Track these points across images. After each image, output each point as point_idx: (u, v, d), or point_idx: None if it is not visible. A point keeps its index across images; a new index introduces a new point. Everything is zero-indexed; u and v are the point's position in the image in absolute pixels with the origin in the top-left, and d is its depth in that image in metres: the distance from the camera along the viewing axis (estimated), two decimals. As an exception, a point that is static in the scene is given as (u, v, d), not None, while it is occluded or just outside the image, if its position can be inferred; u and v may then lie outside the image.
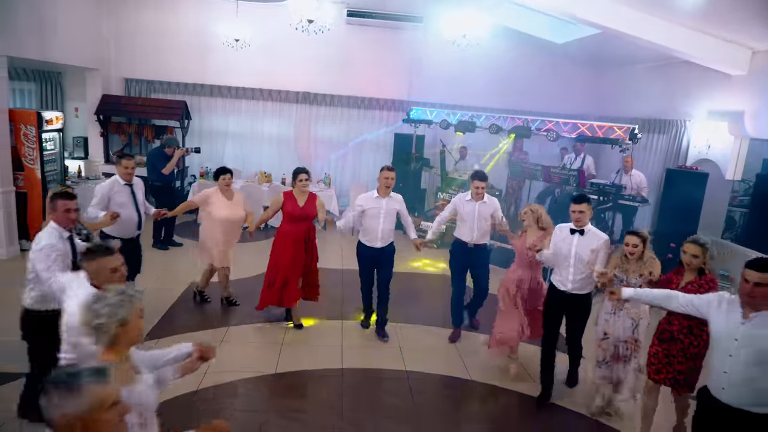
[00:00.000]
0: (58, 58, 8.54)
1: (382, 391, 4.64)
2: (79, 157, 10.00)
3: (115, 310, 2.02)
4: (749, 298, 2.72)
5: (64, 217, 3.51)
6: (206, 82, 10.43)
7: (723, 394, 2.82)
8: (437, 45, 8.77)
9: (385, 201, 5.24)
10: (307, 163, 10.85)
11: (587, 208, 4.27)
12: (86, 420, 1.52)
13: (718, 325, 2.89)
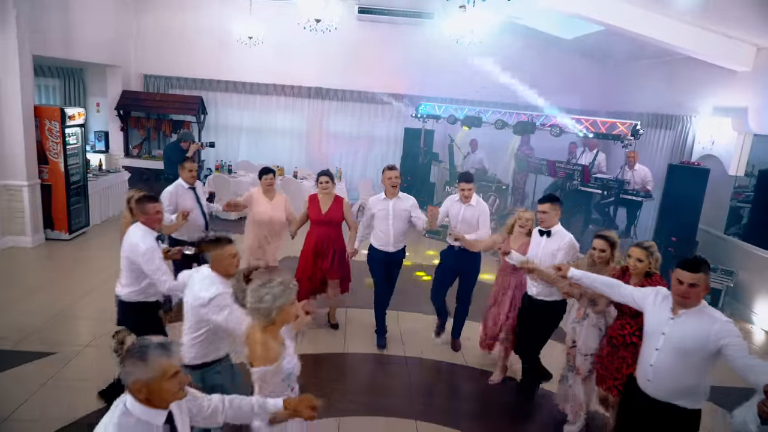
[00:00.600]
0: (82, 56, 8.92)
1: (383, 374, 4.89)
2: (100, 150, 10.40)
3: (277, 297, 2.37)
4: (683, 299, 2.74)
5: (154, 218, 3.65)
6: (221, 78, 10.75)
7: (648, 386, 2.89)
8: (447, 41, 8.93)
9: (392, 202, 5.01)
10: (318, 157, 11.17)
11: (551, 209, 4.06)
12: (151, 386, 1.81)
13: (650, 319, 2.94)
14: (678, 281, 2.73)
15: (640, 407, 2.94)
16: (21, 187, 7.12)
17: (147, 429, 1.85)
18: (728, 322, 2.69)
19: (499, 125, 8.16)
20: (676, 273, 2.75)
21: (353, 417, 4.11)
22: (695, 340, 2.70)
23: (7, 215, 7.13)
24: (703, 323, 2.70)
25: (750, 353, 2.59)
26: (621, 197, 7.58)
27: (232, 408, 2.21)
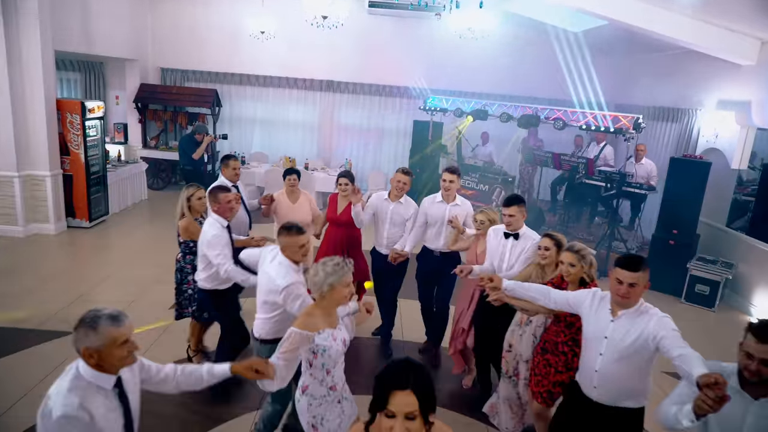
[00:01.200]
0: (101, 51, 9.26)
1: (381, 357, 5.12)
2: (119, 142, 10.77)
3: (329, 275, 2.61)
4: (623, 299, 2.66)
5: (226, 208, 3.84)
6: (235, 71, 11.02)
7: (594, 392, 2.81)
8: (455, 34, 9.06)
9: (392, 206, 4.77)
10: (329, 149, 11.40)
11: (517, 211, 3.90)
12: (102, 353, 2.02)
13: (589, 324, 2.84)
14: (617, 281, 2.64)
15: (584, 412, 2.86)
16: (44, 177, 7.49)
17: (97, 391, 2.02)
18: (664, 317, 2.65)
19: (504, 118, 8.29)
20: (615, 272, 2.66)
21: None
22: (637, 340, 2.64)
23: (31, 204, 7.52)
24: (643, 322, 2.65)
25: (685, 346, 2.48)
26: (623, 190, 7.65)
27: (183, 375, 2.38)
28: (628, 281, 2.62)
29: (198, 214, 4.31)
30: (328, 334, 2.66)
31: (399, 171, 4.78)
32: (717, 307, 6.79)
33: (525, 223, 4.09)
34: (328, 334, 2.66)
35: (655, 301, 6.93)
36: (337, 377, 2.77)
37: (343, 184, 4.93)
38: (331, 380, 2.71)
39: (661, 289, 7.21)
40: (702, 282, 6.84)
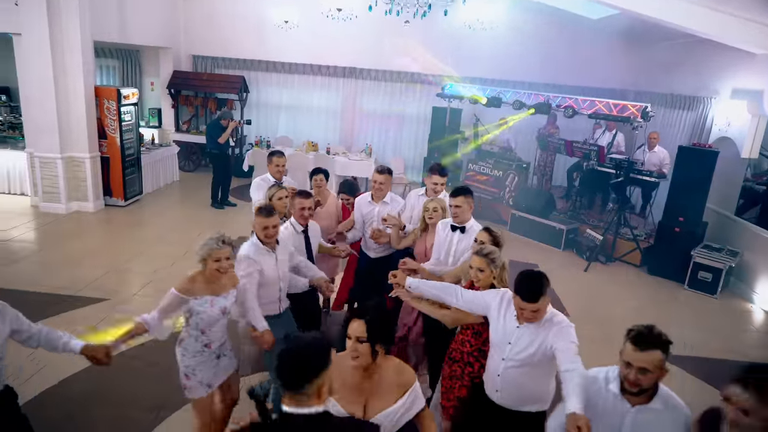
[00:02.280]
0: (137, 39, 9.84)
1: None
2: (154, 126, 11.41)
3: (201, 248, 2.96)
4: (528, 321, 2.62)
5: (299, 214, 3.93)
6: (262, 58, 11.45)
7: (496, 395, 2.77)
8: (473, 22, 9.21)
9: (378, 207, 4.54)
10: (351, 134, 11.76)
11: (464, 202, 3.76)
12: None
13: (497, 329, 2.77)
14: (520, 309, 2.59)
15: (487, 415, 2.83)
16: (84, 158, 8.14)
17: None
18: (566, 327, 2.58)
19: (516, 105, 8.46)
20: (516, 301, 2.59)
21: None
22: (539, 349, 2.60)
23: (72, 183, 8.18)
24: (545, 331, 2.59)
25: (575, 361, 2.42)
26: (631, 177, 7.77)
27: (46, 339, 2.68)
28: (531, 309, 2.55)
29: (279, 214, 3.98)
30: (206, 300, 2.97)
31: (375, 170, 4.62)
32: (719, 294, 6.91)
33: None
34: (205, 300, 2.97)
35: (660, 287, 7.19)
36: (214, 337, 3.08)
37: (344, 199, 4.85)
38: (206, 339, 3.04)
39: (665, 275, 7.39)
40: (705, 269, 6.96)
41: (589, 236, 8.04)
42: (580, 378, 2.31)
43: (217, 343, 3.13)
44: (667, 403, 2.18)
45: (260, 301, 3.41)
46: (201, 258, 2.98)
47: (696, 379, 5.04)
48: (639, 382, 2.11)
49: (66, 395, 4.02)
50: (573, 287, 6.95)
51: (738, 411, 1.91)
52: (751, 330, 6.29)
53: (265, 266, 3.45)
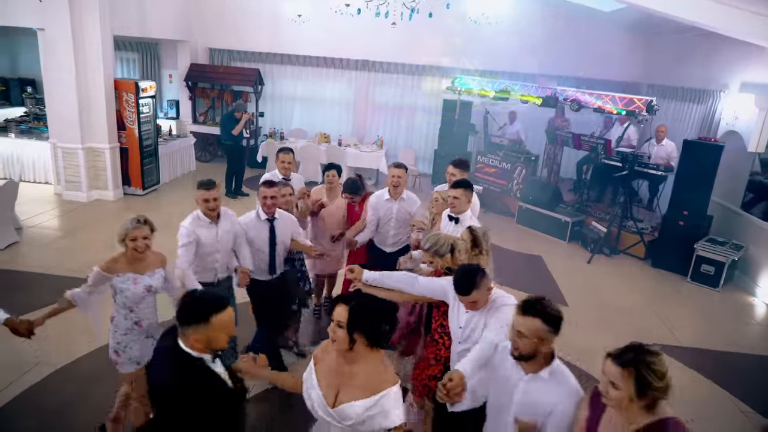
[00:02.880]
0: (155, 34, 10.14)
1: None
2: (172, 117, 11.74)
3: (119, 229, 3.20)
4: (470, 309, 2.76)
5: (262, 202, 4.00)
6: (277, 51, 11.67)
7: None
8: (488, 12, 9.27)
9: (396, 204, 4.62)
10: (363, 126, 11.93)
11: (463, 194, 3.93)
12: None
13: (451, 314, 2.89)
14: (459, 299, 2.73)
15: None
16: (103, 149, 8.47)
17: None
18: (503, 306, 2.68)
19: (523, 100, 8.54)
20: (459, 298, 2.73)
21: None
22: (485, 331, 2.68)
23: (93, 173, 8.53)
24: (491, 313, 2.70)
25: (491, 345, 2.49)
26: (636, 170, 7.81)
27: None
28: (467, 301, 2.70)
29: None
30: (128, 278, 3.17)
31: (392, 165, 4.69)
32: (722, 288, 6.96)
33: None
34: (128, 278, 3.17)
35: (663, 279, 7.28)
36: (143, 315, 3.26)
37: (347, 198, 4.81)
38: (135, 317, 3.23)
39: (669, 268, 7.45)
40: (708, 262, 7.01)
41: (594, 228, 8.12)
42: (483, 345, 2.47)
43: (146, 322, 3.31)
44: (556, 376, 2.23)
45: (197, 269, 3.72)
46: (119, 238, 3.19)
47: (689, 369, 5.14)
48: (516, 345, 2.21)
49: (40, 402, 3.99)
50: (574, 278, 7.07)
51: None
52: (751, 323, 6.34)
53: (204, 237, 3.74)
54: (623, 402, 1.86)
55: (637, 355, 1.85)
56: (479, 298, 2.67)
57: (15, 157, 9.15)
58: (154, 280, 3.29)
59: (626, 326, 5.85)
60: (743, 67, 7.68)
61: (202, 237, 3.75)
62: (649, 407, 1.87)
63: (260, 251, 4.09)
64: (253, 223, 4.07)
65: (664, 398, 1.87)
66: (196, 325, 2.08)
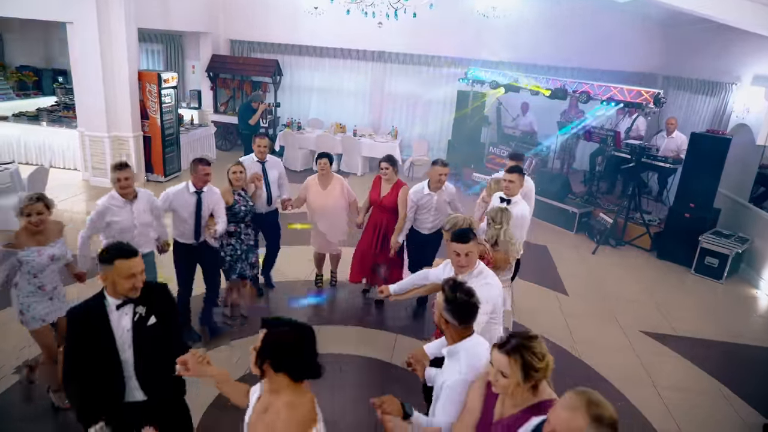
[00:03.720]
0: (178, 26, 10.50)
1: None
2: (194, 107, 12.13)
3: (16, 206, 3.51)
4: (460, 267, 3.13)
5: (200, 179, 4.43)
6: (295, 43, 11.93)
7: None
8: (501, 5, 9.34)
9: (436, 196, 5.11)
10: (379, 116, 12.13)
11: (517, 179, 4.53)
12: None
13: None
14: (455, 253, 3.10)
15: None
16: (127, 137, 8.89)
17: None
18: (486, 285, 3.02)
19: (534, 91, 8.63)
20: (452, 246, 3.11)
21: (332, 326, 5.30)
22: None
23: (117, 160, 8.94)
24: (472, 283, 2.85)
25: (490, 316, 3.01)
26: (643, 162, 7.86)
27: None
28: (464, 252, 3.09)
29: (235, 186, 4.83)
30: (33, 250, 3.51)
31: (439, 164, 5.01)
32: (725, 280, 7.01)
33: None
34: (33, 250, 3.51)
35: (667, 270, 7.39)
36: (46, 281, 3.64)
37: (383, 168, 5.25)
38: (39, 282, 3.60)
39: (674, 260, 7.53)
40: (711, 254, 7.06)
41: (601, 220, 8.21)
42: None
43: (50, 286, 3.68)
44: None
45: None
46: (16, 213, 3.51)
47: (683, 358, 5.27)
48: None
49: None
50: (577, 268, 7.21)
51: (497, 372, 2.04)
52: (751, 315, 6.41)
53: (118, 216, 4.06)
54: (511, 388, 1.97)
55: (520, 341, 1.97)
56: (473, 249, 3.09)
57: (46, 145, 9.65)
58: (56, 249, 3.64)
59: (625, 316, 5.99)
60: (756, 59, 7.63)
61: (115, 215, 4.06)
62: (534, 389, 2.00)
63: (185, 221, 4.53)
64: (181, 194, 4.51)
65: (545, 378, 2.00)
66: (103, 265, 2.44)
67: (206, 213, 4.54)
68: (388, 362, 4.77)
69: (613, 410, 1.63)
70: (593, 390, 1.68)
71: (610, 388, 4.62)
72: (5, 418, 3.85)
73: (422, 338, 5.01)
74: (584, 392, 1.64)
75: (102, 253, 2.49)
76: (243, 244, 4.96)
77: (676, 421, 4.30)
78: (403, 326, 5.39)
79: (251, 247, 5.07)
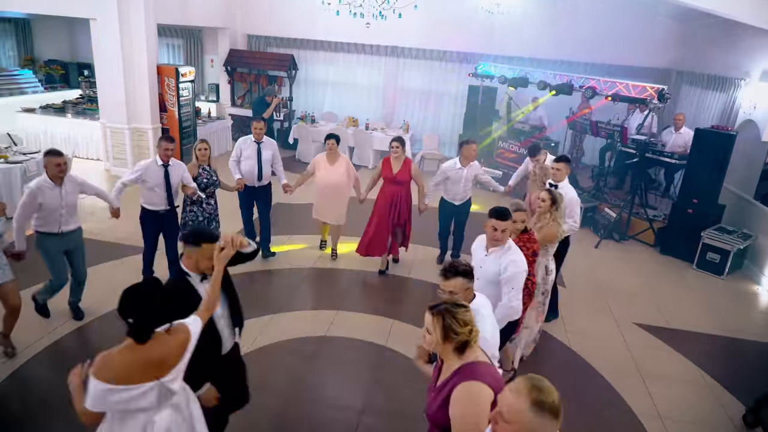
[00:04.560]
0: (196, 21, 10.83)
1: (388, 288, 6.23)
2: (212, 100, 12.49)
3: None
4: (495, 241, 3.51)
5: (163, 153, 5.21)
6: (310, 38, 12.17)
7: None
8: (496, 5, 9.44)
9: (466, 170, 6.21)
10: (392, 110, 12.32)
11: (564, 167, 5.17)
12: None
13: (474, 257, 3.73)
14: (493, 228, 3.49)
15: None
16: (147, 129, 9.26)
17: None
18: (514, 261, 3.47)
19: (540, 86, 8.70)
20: (492, 222, 3.48)
21: (351, 312, 5.55)
22: (496, 271, 3.51)
23: (137, 151, 9.35)
24: (505, 258, 3.50)
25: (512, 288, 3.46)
26: (648, 158, 7.90)
27: None
28: (501, 228, 3.48)
29: (200, 161, 5.66)
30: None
31: (472, 143, 6.27)
32: (727, 276, 7.04)
33: None
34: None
35: (669, 265, 7.48)
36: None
37: (395, 147, 6.02)
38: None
39: (676, 255, 7.58)
40: (713, 250, 7.10)
41: (605, 215, 8.28)
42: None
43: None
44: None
45: (43, 221, 4.55)
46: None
47: (675, 352, 5.38)
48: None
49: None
50: (579, 261, 7.30)
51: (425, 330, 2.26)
52: (752, 311, 6.45)
53: (48, 197, 4.44)
54: (434, 345, 2.20)
55: (446, 307, 2.20)
56: (507, 227, 3.49)
57: (71, 136, 10.09)
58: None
59: (620, 308, 6.10)
60: (765, 55, 7.59)
61: (46, 197, 4.44)
62: (459, 351, 2.19)
63: (153, 190, 5.27)
64: (152, 166, 5.25)
65: (470, 343, 2.19)
66: (190, 246, 2.83)
67: (175, 182, 5.31)
68: (383, 345, 5.00)
69: (557, 397, 1.71)
70: (542, 377, 1.76)
71: (597, 377, 4.78)
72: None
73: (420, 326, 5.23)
74: (530, 378, 1.73)
75: (189, 236, 2.85)
76: (205, 212, 5.67)
77: (658, 409, 4.43)
78: (397, 311, 5.63)
79: (213, 216, 5.79)
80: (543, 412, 1.66)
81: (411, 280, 6.44)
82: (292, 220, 7.94)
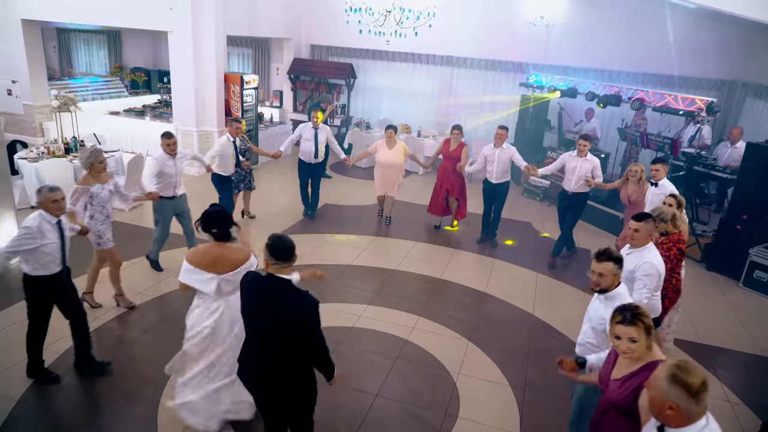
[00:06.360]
0: (263, 32, 11.64)
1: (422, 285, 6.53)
2: (276, 106, 13.29)
3: (86, 158, 4.94)
4: (631, 240, 3.95)
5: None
6: (368, 47, 12.69)
7: None
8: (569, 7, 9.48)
9: (498, 151, 7.35)
10: (446, 118, 12.61)
11: (661, 167, 5.79)
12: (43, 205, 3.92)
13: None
14: (632, 229, 3.91)
15: None
16: (213, 132, 10.09)
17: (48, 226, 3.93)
18: (647, 263, 3.79)
19: (589, 96, 8.70)
20: (630, 223, 3.95)
21: (379, 307, 5.91)
22: (631, 269, 3.83)
23: (204, 152, 10.16)
24: (637, 258, 3.87)
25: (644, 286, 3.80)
26: (697, 171, 7.72)
27: None
28: (634, 228, 3.90)
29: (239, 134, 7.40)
30: (98, 186, 4.96)
31: (498, 127, 7.45)
32: (776, 296, 6.78)
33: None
34: (98, 186, 4.95)
35: (713, 282, 7.41)
36: (110, 211, 5.14)
37: (455, 133, 7.70)
38: (107, 212, 5.07)
39: (723, 272, 7.37)
40: (761, 269, 6.86)
41: (651, 228, 8.14)
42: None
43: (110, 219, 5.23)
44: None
45: (164, 185, 5.90)
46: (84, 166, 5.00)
47: (698, 365, 5.31)
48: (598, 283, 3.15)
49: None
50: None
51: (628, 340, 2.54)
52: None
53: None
54: (642, 348, 2.51)
55: (633, 312, 2.51)
56: (642, 228, 3.87)
57: (148, 137, 11.12)
58: (114, 182, 5.20)
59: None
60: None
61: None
62: (649, 348, 2.54)
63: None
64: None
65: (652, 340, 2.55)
66: (285, 260, 2.81)
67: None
68: (405, 339, 5.32)
69: (697, 380, 1.97)
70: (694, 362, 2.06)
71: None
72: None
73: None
74: (680, 360, 2.04)
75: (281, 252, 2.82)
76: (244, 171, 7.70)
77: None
78: (420, 309, 5.92)
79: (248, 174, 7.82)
80: (676, 384, 1.97)
81: (442, 282, 6.71)
82: (338, 218, 8.44)
